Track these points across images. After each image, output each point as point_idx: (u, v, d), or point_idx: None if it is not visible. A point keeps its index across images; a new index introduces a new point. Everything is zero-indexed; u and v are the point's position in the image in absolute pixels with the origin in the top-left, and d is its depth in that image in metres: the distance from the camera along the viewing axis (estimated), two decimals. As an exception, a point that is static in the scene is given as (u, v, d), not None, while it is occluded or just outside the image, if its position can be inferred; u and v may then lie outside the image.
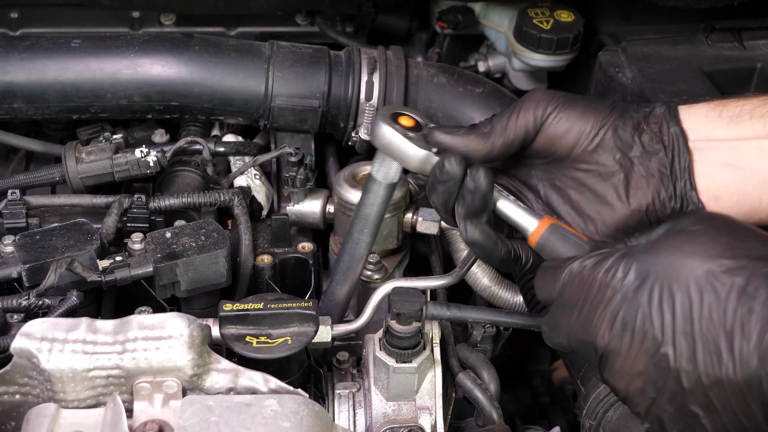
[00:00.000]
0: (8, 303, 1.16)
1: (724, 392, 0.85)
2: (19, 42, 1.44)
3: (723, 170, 1.04)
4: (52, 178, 1.38)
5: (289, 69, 1.44)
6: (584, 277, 0.93)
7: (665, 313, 0.86)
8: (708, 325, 0.85)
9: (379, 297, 1.20)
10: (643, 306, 0.87)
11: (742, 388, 0.84)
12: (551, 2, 1.65)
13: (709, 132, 1.05)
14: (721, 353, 0.84)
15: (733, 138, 1.03)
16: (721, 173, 1.04)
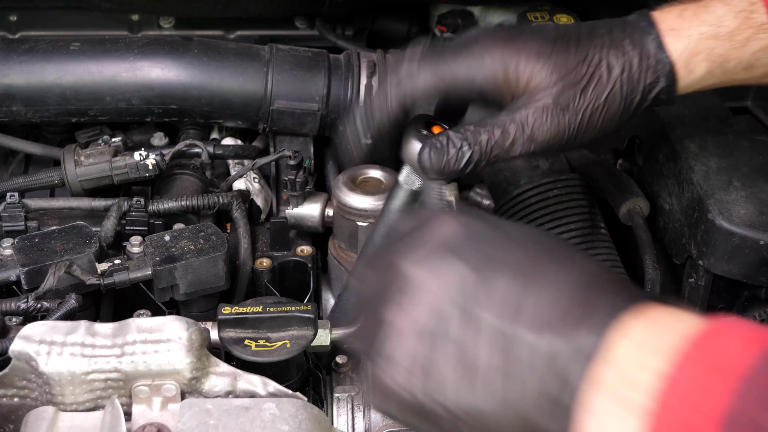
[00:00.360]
0: (7, 306, 1.16)
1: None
2: (18, 45, 1.44)
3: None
4: (51, 181, 1.38)
5: (288, 72, 1.44)
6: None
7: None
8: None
9: (378, 300, 1.20)
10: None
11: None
12: (550, 6, 1.65)
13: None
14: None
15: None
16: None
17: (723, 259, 1.24)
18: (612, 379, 0.72)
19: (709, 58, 1.09)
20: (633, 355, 0.72)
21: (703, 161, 1.31)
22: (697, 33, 1.08)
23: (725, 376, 0.67)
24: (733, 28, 1.08)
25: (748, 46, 1.09)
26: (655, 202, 1.39)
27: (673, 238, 1.34)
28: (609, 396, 0.71)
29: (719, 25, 1.08)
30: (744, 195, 1.26)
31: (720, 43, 1.08)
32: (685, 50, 1.09)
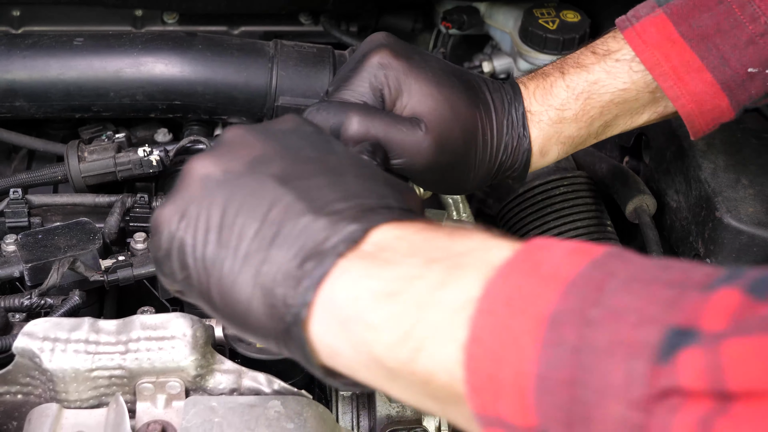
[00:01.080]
0: (10, 302, 1.15)
1: None
2: (22, 40, 1.43)
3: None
4: (55, 177, 1.37)
5: (292, 68, 1.44)
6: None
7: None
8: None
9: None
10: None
11: None
12: (557, 2, 1.64)
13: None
14: None
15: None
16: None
17: (731, 258, 1.24)
18: (370, 249, 0.74)
19: (560, 141, 1.12)
20: (395, 234, 0.75)
21: (710, 159, 1.30)
22: (547, 118, 1.11)
23: (552, 282, 0.65)
24: (577, 110, 1.11)
25: (595, 123, 1.12)
26: (662, 200, 1.39)
27: (681, 236, 1.34)
28: (363, 258, 0.74)
29: (564, 109, 1.11)
30: (752, 193, 1.25)
31: (567, 125, 1.11)
32: (540, 135, 1.11)
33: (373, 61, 1.06)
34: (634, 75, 1.10)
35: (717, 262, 1.25)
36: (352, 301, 0.73)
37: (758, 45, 1.07)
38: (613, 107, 1.11)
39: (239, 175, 0.81)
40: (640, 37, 1.09)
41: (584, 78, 1.10)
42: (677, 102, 1.09)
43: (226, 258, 0.78)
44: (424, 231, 0.75)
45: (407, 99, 1.05)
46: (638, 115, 1.13)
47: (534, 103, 1.11)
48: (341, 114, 1.01)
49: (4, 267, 1.21)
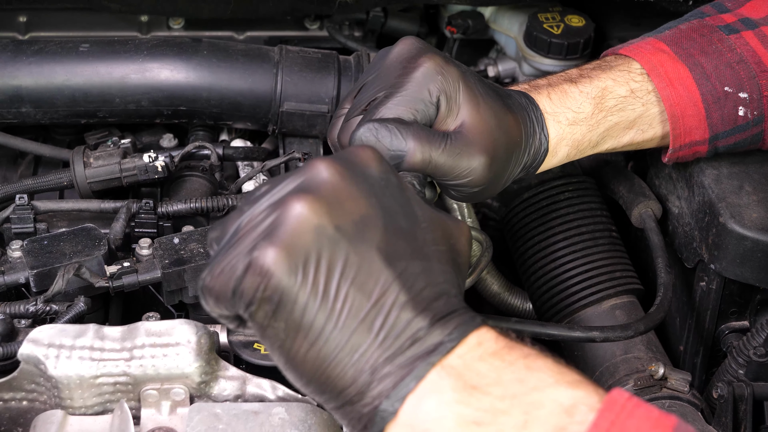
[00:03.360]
0: (16, 309, 1.16)
1: None
2: (28, 46, 1.44)
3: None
4: (60, 183, 1.38)
5: (297, 74, 1.44)
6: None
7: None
8: None
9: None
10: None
11: None
12: (562, 7, 1.64)
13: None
14: None
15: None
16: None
17: (735, 263, 1.23)
18: (461, 367, 0.80)
19: (569, 143, 1.18)
20: (486, 358, 0.80)
21: (714, 165, 1.30)
22: (565, 119, 1.17)
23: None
24: (589, 113, 1.18)
25: (598, 128, 1.19)
26: (664, 205, 1.39)
27: (684, 241, 1.34)
28: (456, 377, 0.79)
29: (579, 111, 1.18)
30: (756, 199, 1.25)
31: (579, 128, 1.18)
32: (556, 136, 1.17)
33: (428, 66, 1.06)
34: (635, 84, 1.20)
35: (721, 268, 1.25)
36: (438, 422, 0.77)
37: (734, 69, 1.21)
38: (615, 114, 1.20)
39: (350, 238, 0.80)
40: (637, 49, 1.22)
41: (595, 84, 1.19)
42: (667, 102, 1.20)
43: (333, 331, 0.79)
44: (502, 353, 0.80)
45: (460, 108, 1.07)
46: (627, 129, 1.22)
47: (551, 104, 1.16)
48: (401, 142, 1.02)
49: (10, 273, 1.21)
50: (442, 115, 1.06)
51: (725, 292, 1.29)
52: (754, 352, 1.23)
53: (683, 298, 1.37)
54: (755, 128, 1.23)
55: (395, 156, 1.02)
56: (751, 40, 1.23)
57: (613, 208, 1.45)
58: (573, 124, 1.17)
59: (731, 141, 1.24)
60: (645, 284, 1.39)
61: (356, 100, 1.10)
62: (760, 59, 1.22)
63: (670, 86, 1.20)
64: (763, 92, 1.22)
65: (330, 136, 1.15)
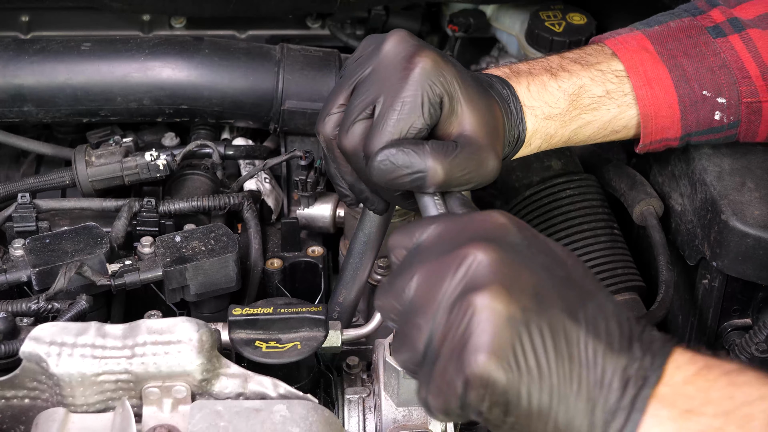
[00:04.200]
0: (18, 307, 1.16)
1: None
2: (30, 45, 1.44)
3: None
4: (62, 182, 1.38)
5: (299, 72, 1.44)
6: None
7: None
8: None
9: (389, 301, 1.19)
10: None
11: None
12: (563, 5, 1.64)
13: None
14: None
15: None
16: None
17: (737, 261, 1.23)
18: (672, 395, 0.81)
19: (542, 137, 1.19)
20: (689, 380, 0.82)
21: (716, 162, 1.30)
22: (541, 113, 1.17)
23: None
24: (563, 109, 1.19)
25: (570, 125, 1.20)
26: (667, 203, 1.38)
27: (686, 239, 1.33)
28: (671, 406, 0.81)
29: (554, 107, 1.18)
30: (758, 196, 1.25)
31: (552, 122, 1.19)
32: (531, 128, 1.17)
33: (427, 66, 1.04)
34: (611, 85, 1.21)
35: (723, 265, 1.24)
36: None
37: (715, 74, 1.22)
38: (589, 113, 1.21)
39: (537, 312, 0.81)
40: (622, 45, 1.23)
41: (573, 81, 1.20)
42: (641, 102, 1.22)
43: (559, 404, 0.81)
44: (703, 373, 0.82)
45: (461, 107, 1.05)
46: (602, 129, 1.24)
47: (529, 97, 1.17)
48: (420, 163, 1.01)
49: (12, 271, 1.21)
50: (445, 115, 1.05)
51: (727, 289, 1.28)
52: (756, 348, 1.23)
53: (685, 296, 1.37)
54: (729, 131, 1.26)
55: (416, 179, 1.01)
56: (737, 44, 1.23)
57: (614, 205, 1.45)
58: (547, 119, 1.18)
59: (703, 138, 1.27)
60: (647, 282, 1.39)
61: (354, 101, 1.07)
62: (743, 65, 1.23)
63: (647, 86, 1.21)
64: (742, 98, 1.23)
65: (324, 132, 1.11)
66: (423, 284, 0.85)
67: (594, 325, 0.83)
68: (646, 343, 0.83)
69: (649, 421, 0.80)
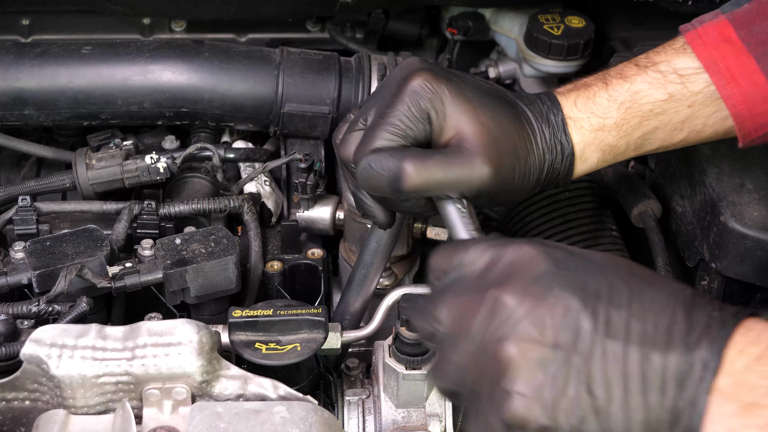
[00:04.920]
0: (18, 309, 1.16)
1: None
2: (31, 49, 1.44)
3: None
4: (63, 185, 1.38)
5: (299, 75, 1.44)
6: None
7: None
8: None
9: (388, 303, 1.20)
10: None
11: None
12: (562, 8, 1.64)
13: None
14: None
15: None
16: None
17: (736, 262, 1.23)
18: (731, 386, 0.78)
19: (600, 148, 1.15)
20: (752, 367, 0.78)
21: (715, 163, 1.30)
22: (588, 125, 1.14)
23: None
24: (618, 119, 1.14)
25: (633, 133, 1.15)
26: (668, 204, 1.39)
27: (686, 240, 1.34)
28: (730, 401, 0.78)
29: (605, 117, 1.14)
30: (757, 197, 1.25)
31: (607, 133, 1.14)
32: (581, 141, 1.14)
33: (415, 84, 1.07)
34: (673, 87, 1.13)
35: (722, 267, 1.25)
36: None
37: None
38: (652, 118, 1.14)
39: (567, 346, 0.81)
40: (701, 38, 1.13)
41: (626, 88, 1.14)
42: (729, 101, 1.12)
43: (610, 421, 0.80)
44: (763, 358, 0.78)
45: (453, 121, 1.07)
46: (677, 131, 1.16)
47: (575, 110, 1.14)
48: (395, 164, 1.03)
49: (13, 274, 1.21)
50: (436, 130, 1.07)
51: (726, 290, 1.29)
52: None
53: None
54: None
55: (392, 181, 1.04)
56: None
57: (613, 207, 1.45)
58: (599, 130, 1.14)
59: None
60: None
61: (358, 113, 1.13)
62: None
63: (733, 83, 1.12)
64: None
65: (334, 138, 1.17)
66: (456, 318, 0.87)
67: (639, 329, 0.81)
68: (703, 327, 0.80)
69: (712, 420, 0.78)
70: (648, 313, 0.81)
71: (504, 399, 0.82)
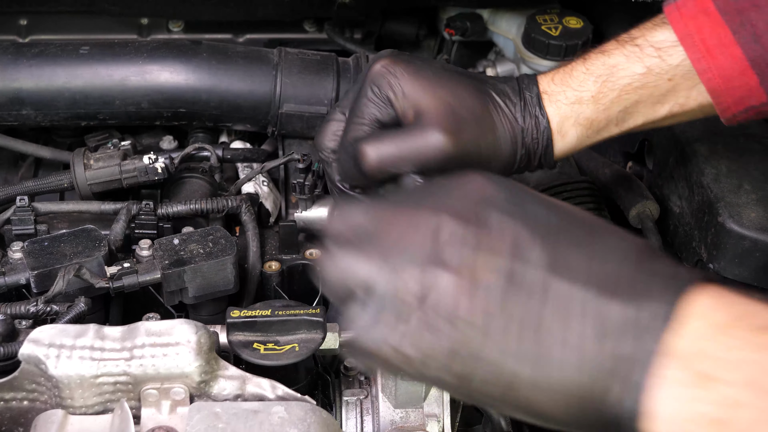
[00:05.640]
0: (16, 309, 1.16)
1: None
2: (28, 49, 1.44)
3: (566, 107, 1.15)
4: (61, 185, 1.38)
5: (297, 75, 1.44)
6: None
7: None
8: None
9: (387, 304, 1.20)
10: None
11: None
12: (560, 8, 1.64)
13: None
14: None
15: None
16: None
17: (733, 263, 1.24)
18: (687, 351, 0.70)
19: (578, 122, 1.15)
20: (714, 336, 0.70)
21: (713, 164, 1.30)
22: (564, 98, 1.15)
23: None
24: (595, 92, 1.14)
25: (613, 107, 1.14)
26: (665, 205, 1.39)
27: (683, 241, 1.34)
28: (684, 367, 0.70)
29: (582, 90, 1.14)
30: (755, 198, 1.25)
31: (585, 106, 1.14)
32: (556, 114, 1.15)
33: (374, 70, 1.13)
34: (650, 60, 1.12)
35: (719, 268, 1.25)
36: (682, 424, 0.70)
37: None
38: (632, 92, 1.13)
39: (516, 281, 0.75)
40: (678, 11, 1.11)
41: (603, 61, 1.14)
42: (704, 76, 1.09)
43: (537, 367, 0.74)
44: (732, 323, 0.70)
45: (411, 99, 1.10)
46: (659, 105, 1.14)
47: (551, 85, 1.16)
48: (356, 147, 1.09)
49: (11, 274, 1.21)
50: (398, 111, 1.11)
51: (724, 291, 1.29)
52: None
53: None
54: None
55: (357, 163, 1.09)
56: None
57: (611, 208, 1.45)
58: (576, 103, 1.14)
59: None
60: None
61: (335, 109, 1.21)
62: None
63: (708, 56, 1.09)
64: None
65: (316, 138, 1.23)
66: (389, 230, 0.81)
67: (586, 269, 0.74)
68: (660, 277, 0.73)
69: (659, 384, 0.70)
70: (599, 255, 0.75)
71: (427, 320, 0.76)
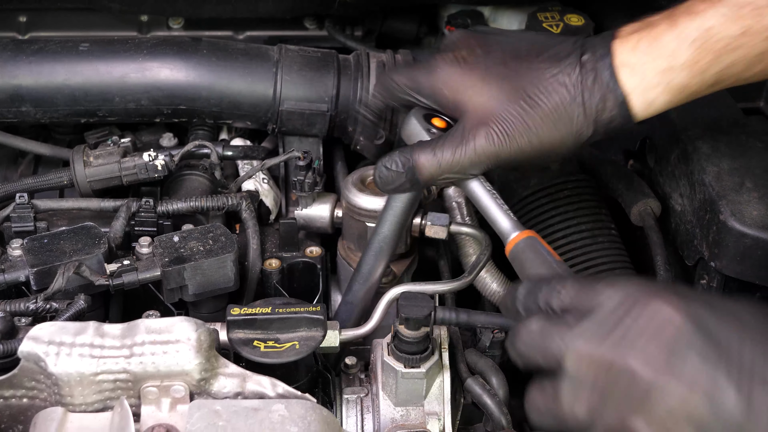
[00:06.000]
0: (16, 307, 1.16)
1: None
2: (28, 46, 1.44)
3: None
4: (60, 182, 1.38)
5: (297, 73, 1.44)
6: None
7: None
8: None
9: (387, 301, 1.19)
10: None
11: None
12: (561, 6, 1.64)
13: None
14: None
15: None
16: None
17: (735, 261, 1.23)
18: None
19: (668, 90, 1.10)
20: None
21: (715, 162, 1.30)
22: (652, 68, 1.09)
23: None
24: (688, 58, 1.08)
25: (709, 70, 1.09)
26: (667, 203, 1.39)
27: (685, 239, 1.34)
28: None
29: (674, 58, 1.09)
30: (756, 196, 1.25)
31: (677, 74, 1.09)
32: (640, 85, 1.09)
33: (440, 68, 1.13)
34: (748, 20, 1.07)
35: (721, 266, 1.25)
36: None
37: None
38: (727, 54, 1.08)
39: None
40: None
41: (697, 25, 1.08)
42: None
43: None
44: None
45: (462, 98, 1.11)
46: (753, 65, 1.10)
47: (634, 54, 1.10)
48: (410, 159, 1.10)
49: (10, 271, 1.21)
50: (444, 102, 1.13)
51: (725, 289, 1.29)
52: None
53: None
54: None
55: (411, 175, 1.10)
56: None
57: (612, 206, 1.45)
58: (666, 71, 1.09)
59: None
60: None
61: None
62: None
63: None
64: None
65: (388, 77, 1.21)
66: (584, 366, 0.85)
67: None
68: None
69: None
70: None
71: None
